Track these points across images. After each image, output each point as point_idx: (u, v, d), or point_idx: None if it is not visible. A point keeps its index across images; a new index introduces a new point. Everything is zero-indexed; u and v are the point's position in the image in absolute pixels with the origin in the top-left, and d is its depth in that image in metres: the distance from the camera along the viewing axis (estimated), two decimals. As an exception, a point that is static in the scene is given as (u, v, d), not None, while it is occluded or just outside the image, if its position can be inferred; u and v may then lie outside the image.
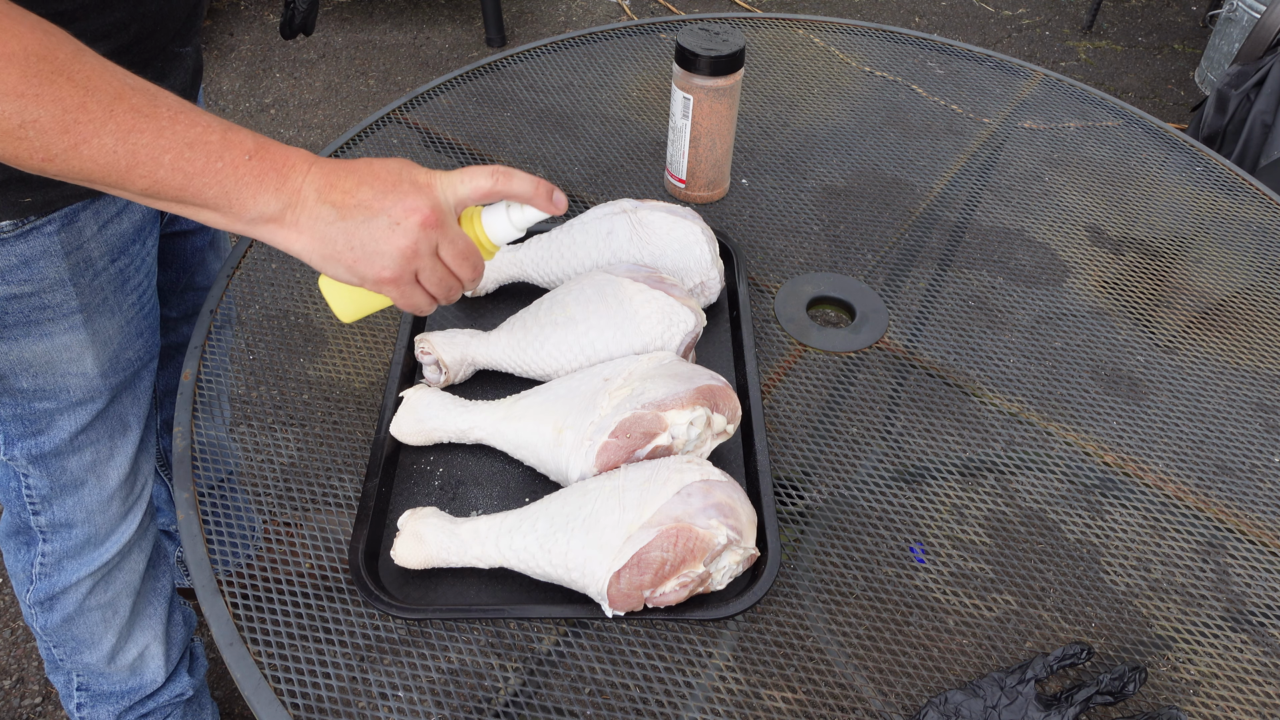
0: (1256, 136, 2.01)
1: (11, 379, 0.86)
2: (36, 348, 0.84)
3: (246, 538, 0.75)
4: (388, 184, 0.64)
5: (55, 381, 0.88)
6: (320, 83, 2.84)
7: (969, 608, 0.73)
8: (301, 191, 0.63)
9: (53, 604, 1.04)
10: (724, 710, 0.66)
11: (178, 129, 0.60)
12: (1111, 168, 1.18)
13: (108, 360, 0.90)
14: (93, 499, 0.98)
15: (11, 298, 0.80)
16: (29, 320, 0.82)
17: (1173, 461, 0.85)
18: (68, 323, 0.85)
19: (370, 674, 0.67)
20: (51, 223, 0.79)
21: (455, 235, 0.67)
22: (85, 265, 0.83)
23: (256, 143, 0.62)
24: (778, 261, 1.02)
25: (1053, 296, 1.00)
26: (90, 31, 0.71)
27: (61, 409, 0.90)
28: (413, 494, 0.78)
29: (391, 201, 0.64)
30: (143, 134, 0.59)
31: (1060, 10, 3.35)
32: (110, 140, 0.58)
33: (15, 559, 1.03)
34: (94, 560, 1.02)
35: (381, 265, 0.65)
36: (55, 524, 0.98)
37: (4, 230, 0.76)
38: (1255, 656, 0.71)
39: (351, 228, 0.64)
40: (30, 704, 1.51)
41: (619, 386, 0.75)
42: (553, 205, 0.69)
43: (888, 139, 1.21)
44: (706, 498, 0.68)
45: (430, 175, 0.66)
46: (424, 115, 1.20)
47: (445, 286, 0.69)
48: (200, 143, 0.60)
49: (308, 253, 0.65)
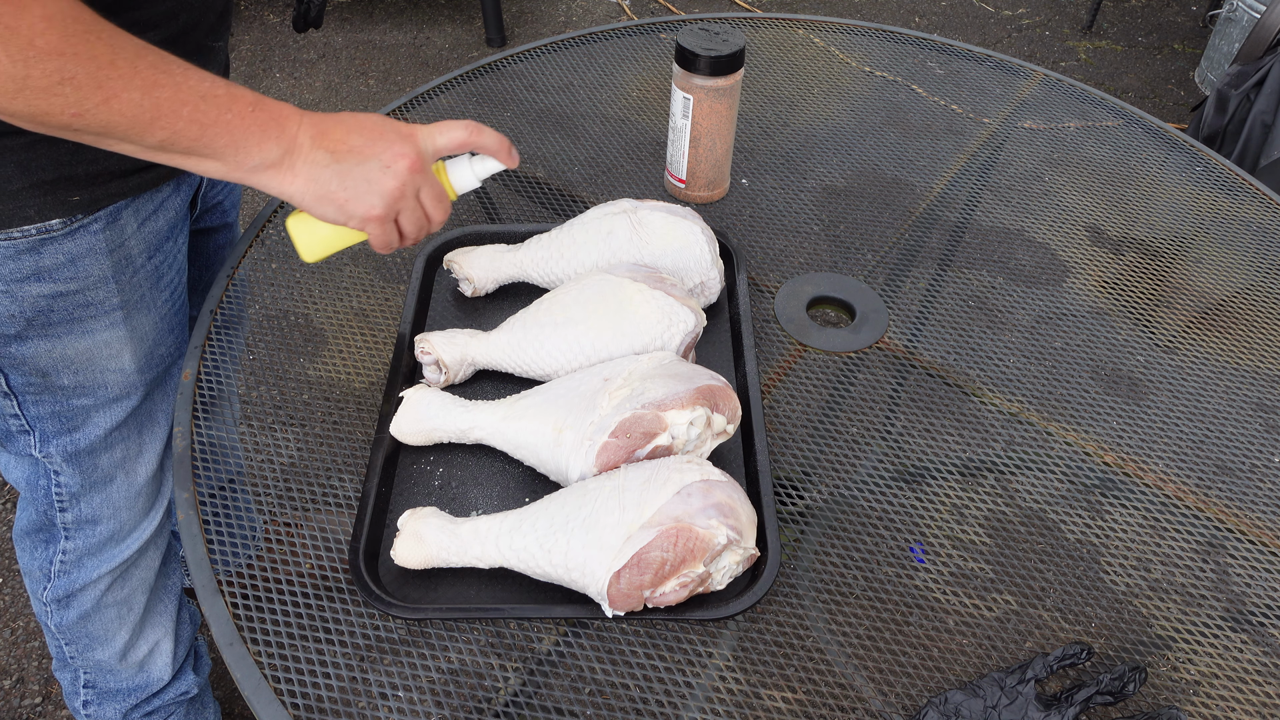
0: (1256, 136, 2.01)
1: (54, 376, 0.87)
2: (79, 344, 0.86)
3: (247, 538, 0.75)
4: (375, 132, 0.72)
5: (95, 378, 0.89)
6: (320, 83, 2.84)
7: (969, 608, 0.73)
8: (298, 139, 0.69)
9: (69, 601, 1.04)
10: (724, 710, 0.66)
11: (190, 83, 0.65)
12: (1111, 168, 1.18)
13: (144, 356, 0.92)
14: (120, 495, 0.99)
15: (58, 295, 0.82)
16: (73, 318, 0.84)
17: (1173, 461, 0.85)
18: (109, 319, 0.86)
19: (370, 674, 0.67)
20: (97, 220, 0.81)
21: (432, 180, 0.75)
22: (126, 262, 0.85)
23: (255, 96, 0.68)
24: (778, 261, 1.02)
25: (1053, 296, 1.00)
26: (142, 21, 0.74)
27: (99, 405, 0.91)
28: (413, 494, 0.78)
29: (382, 148, 0.71)
30: (164, 88, 0.63)
31: (1060, 10, 3.35)
32: (137, 94, 0.62)
33: (32, 557, 1.03)
34: (115, 557, 1.03)
35: (371, 204, 0.72)
36: (81, 520, 0.99)
37: (53, 229, 0.78)
38: (1255, 656, 0.71)
39: (345, 170, 0.71)
40: (30, 704, 1.51)
41: (619, 386, 0.75)
42: (510, 159, 0.79)
43: (888, 139, 1.21)
44: (706, 498, 0.68)
45: (411, 127, 0.74)
46: (424, 115, 1.20)
47: (419, 226, 0.76)
48: (210, 95, 0.65)
49: (300, 194, 0.71)
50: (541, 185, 1.10)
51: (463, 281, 0.92)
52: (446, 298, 0.94)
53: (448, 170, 0.81)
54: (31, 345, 0.84)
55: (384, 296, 0.96)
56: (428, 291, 0.94)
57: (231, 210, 1.08)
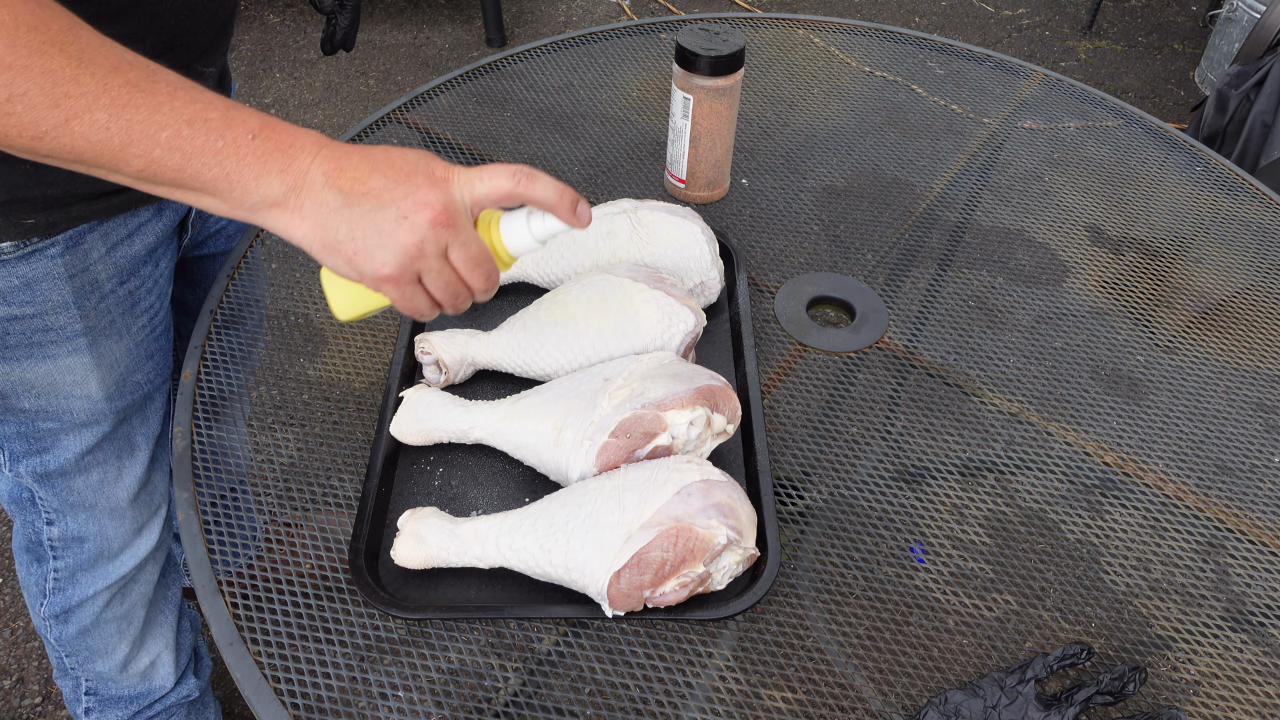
0: (1256, 136, 2.01)
1: (14, 399, 0.84)
2: (39, 369, 0.83)
3: (247, 538, 0.75)
4: (402, 174, 0.60)
5: (58, 403, 0.86)
6: (320, 83, 2.84)
7: (969, 608, 0.73)
8: (308, 174, 0.59)
9: (68, 617, 1.03)
10: (724, 710, 0.66)
11: (176, 105, 0.56)
12: (1111, 168, 1.18)
13: (114, 383, 0.88)
14: (103, 515, 0.97)
15: (13, 318, 0.79)
16: (31, 342, 0.81)
17: (1173, 461, 0.85)
18: (71, 345, 0.83)
19: (370, 674, 0.67)
20: (55, 245, 0.77)
21: (468, 238, 0.61)
22: (91, 288, 0.81)
23: (261, 121, 0.58)
24: (778, 261, 1.02)
25: (1053, 296, 1.00)
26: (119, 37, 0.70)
27: (65, 430, 0.88)
28: (413, 494, 0.78)
29: (403, 193, 0.59)
30: (138, 109, 0.55)
31: (1060, 10, 3.35)
32: (103, 115, 0.54)
33: (28, 573, 1.02)
34: (110, 574, 1.01)
35: (382, 260, 0.60)
36: (67, 538, 0.96)
37: (4, 251, 0.75)
38: (1255, 656, 0.71)
39: (356, 216, 0.59)
40: (30, 704, 1.51)
41: (619, 386, 0.75)
42: (575, 218, 0.64)
43: (888, 139, 1.21)
44: (706, 498, 0.68)
45: (448, 170, 0.61)
46: (424, 115, 1.20)
47: (452, 293, 0.63)
48: (200, 119, 0.56)
49: (308, 240, 0.60)
50: (541, 185, 1.10)
51: None
52: (446, 298, 0.94)
53: (501, 226, 0.66)
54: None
55: (384, 296, 0.96)
56: (428, 291, 0.94)
57: (235, 235, 1.03)
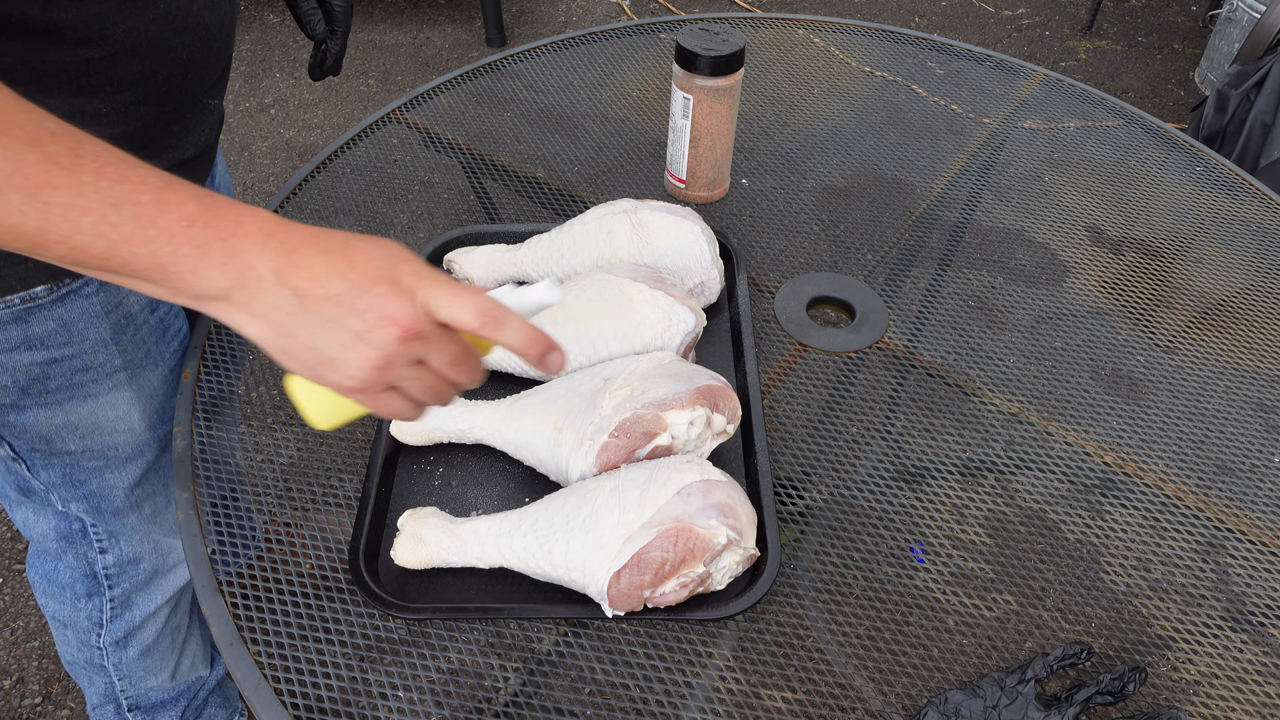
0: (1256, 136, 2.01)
1: (59, 442, 0.82)
2: (81, 409, 0.81)
3: (247, 538, 0.75)
4: (365, 278, 0.52)
5: (103, 440, 0.84)
6: (320, 83, 2.84)
7: (969, 608, 0.73)
8: (255, 268, 0.52)
9: (129, 640, 1.02)
10: (724, 710, 0.66)
11: (102, 185, 0.50)
12: (1111, 168, 1.18)
13: (154, 413, 0.87)
14: (160, 535, 0.95)
15: (52, 361, 0.76)
16: (72, 383, 0.79)
17: (1173, 461, 0.85)
18: (111, 381, 0.81)
19: (370, 674, 0.67)
20: (90, 283, 0.75)
21: (443, 343, 0.55)
22: (126, 321, 0.80)
23: (200, 204, 0.52)
24: (778, 261, 1.02)
25: (1053, 296, 1.00)
26: (116, 80, 0.68)
27: (111, 466, 0.87)
28: (413, 494, 0.78)
29: (366, 304, 0.52)
30: (58, 190, 0.49)
31: (1060, 10, 3.35)
32: (17, 197, 0.48)
33: (76, 609, 0.99)
34: (169, 587, 1.00)
35: (348, 373, 0.54)
36: (122, 562, 0.95)
37: (38, 296, 0.72)
38: (1255, 656, 0.71)
39: (315, 323, 0.52)
40: (30, 704, 1.51)
41: (619, 386, 0.75)
42: (543, 365, 0.58)
43: (888, 139, 1.21)
44: (706, 498, 0.68)
45: (416, 277, 0.54)
46: (424, 115, 1.20)
47: (435, 394, 0.57)
48: (129, 203, 0.50)
49: (263, 340, 0.54)
50: (541, 185, 1.10)
51: (463, 281, 0.92)
52: (446, 298, 0.94)
53: None
54: (31, 414, 0.79)
55: (384, 296, 0.96)
56: (428, 291, 0.94)
57: None
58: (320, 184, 1.09)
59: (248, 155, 2.59)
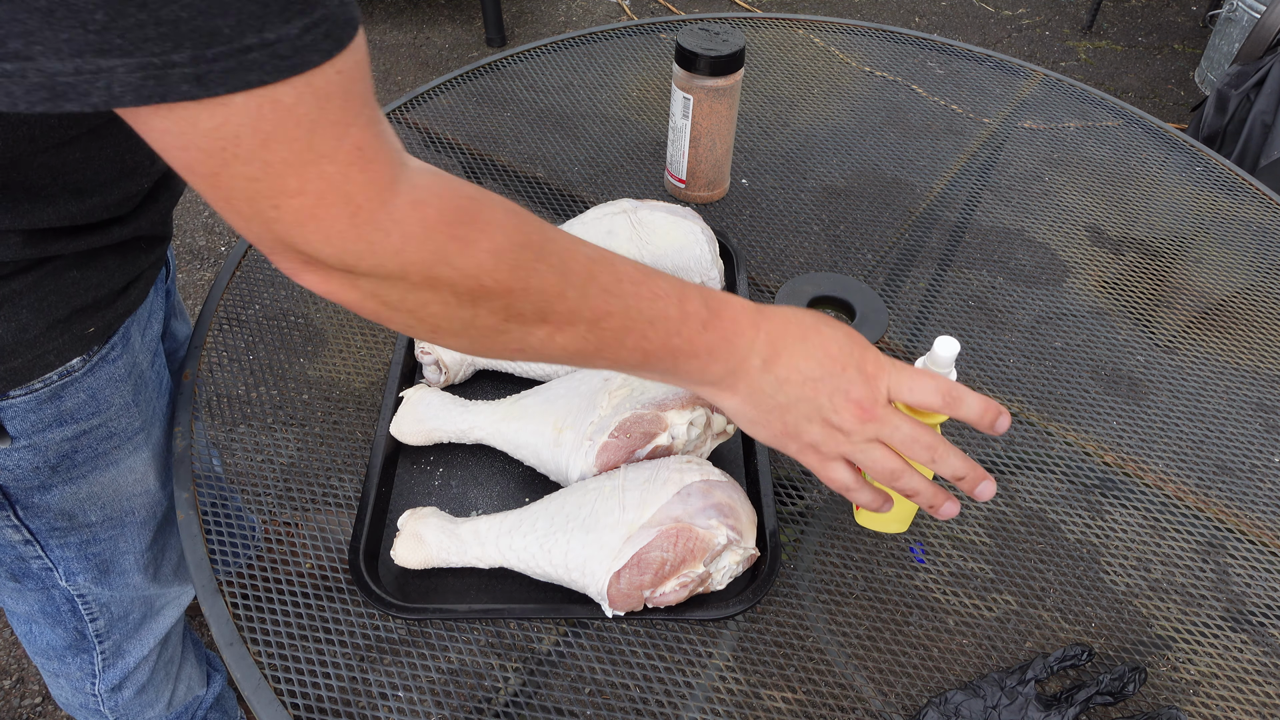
0: (1256, 136, 2.01)
1: (80, 516, 0.81)
2: (104, 478, 0.80)
3: (247, 538, 0.75)
4: (836, 364, 0.60)
5: (122, 506, 0.83)
6: (320, 83, 2.84)
7: (969, 608, 0.73)
8: (748, 361, 0.60)
9: (123, 685, 1.01)
10: (724, 710, 0.66)
11: (641, 305, 0.56)
12: (1111, 168, 1.18)
13: (164, 468, 0.86)
14: (151, 589, 0.94)
15: (81, 435, 0.75)
16: (97, 453, 0.78)
17: (1173, 461, 0.85)
18: (131, 445, 0.80)
19: (370, 674, 0.67)
20: (114, 348, 0.75)
21: (897, 423, 0.61)
22: (141, 380, 0.80)
23: (708, 309, 0.59)
24: (778, 261, 1.02)
25: (1053, 296, 1.00)
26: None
27: (127, 533, 0.86)
28: (413, 494, 0.78)
29: (833, 387, 0.60)
30: (613, 317, 0.55)
31: (1060, 10, 3.35)
32: (584, 328, 0.55)
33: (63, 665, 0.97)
34: (159, 630, 0.99)
35: (810, 435, 0.62)
36: (113, 620, 0.94)
37: (74, 369, 0.72)
38: (1255, 656, 0.71)
39: (789, 403, 0.61)
40: (30, 704, 1.51)
41: (619, 386, 0.75)
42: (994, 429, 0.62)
43: (888, 139, 1.21)
44: (706, 498, 0.68)
45: (879, 366, 0.61)
46: (424, 115, 1.20)
47: (890, 470, 0.62)
48: (661, 319, 0.57)
49: (737, 413, 0.63)
50: (541, 185, 1.10)
51: None
52: (446, 298, 0.94)
53: None
54: (56, 492, 0.77)
55: (384, 296, 0.96)
56: (428, 291, 0.94)
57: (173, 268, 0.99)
58: (320, 184, 1.09)
59: (248, 155, 2.58)
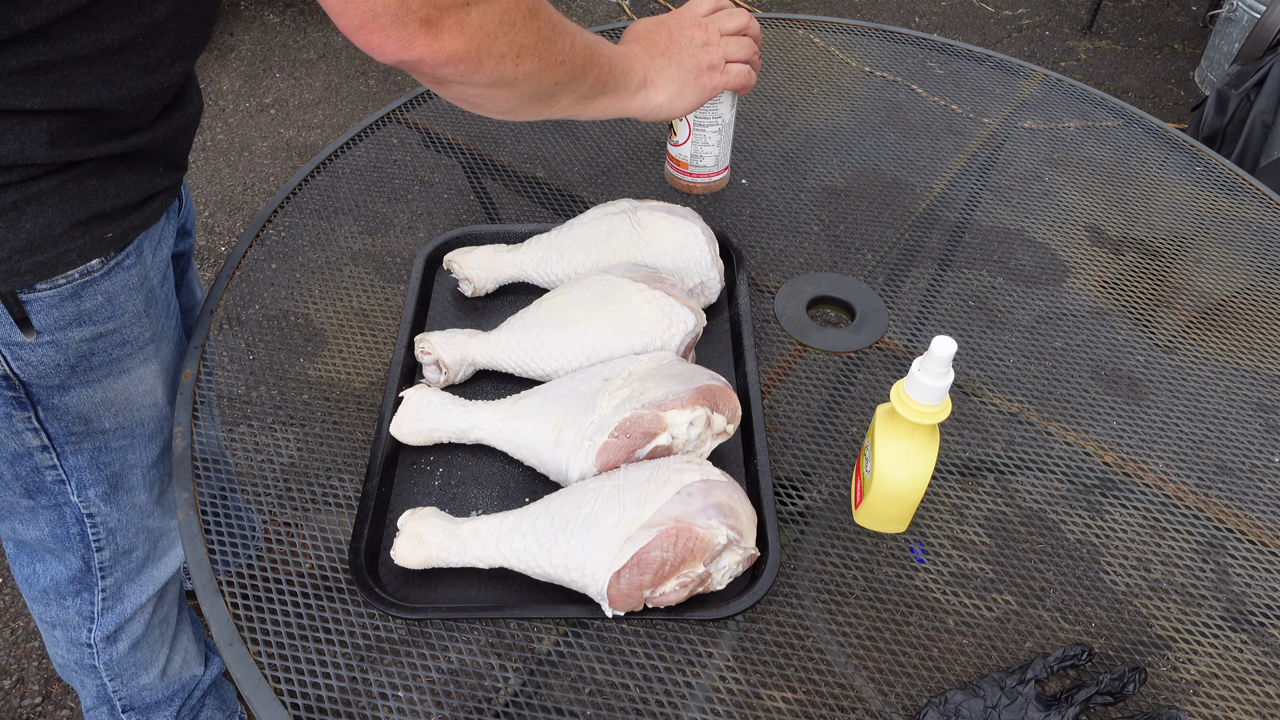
0: (1256, 136, 2.01)
1: (95, 421, 0.85)
2: (117, 385, 0.85)
3: (247, 538, 0.75)
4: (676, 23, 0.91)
5: (133, 417, 0.88)
6: (320, 83, 2.84)
7: (969, 608, 0.73)
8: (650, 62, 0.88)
9: (119, 634, 1.03)
10: (724, 710, 0.66)
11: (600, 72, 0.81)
12: (1111, 168, 1.18)
13: (171, 386, 0.91)
14: (155, 522, 0.97)
15: (98, 337, 0.80)
16: (111, 358, 0.83)
17: (1173, 461, 0.85)
18: (142, 355, 0.85)
19: (370, 674, 0.67)
20: (129, 255, 0.80)
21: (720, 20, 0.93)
22: (151, 294, 0.84)
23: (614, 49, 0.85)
24: (778, 261, 1.02)
25: (1053, 296, 1.00)
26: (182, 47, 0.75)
27: (136, 444, 0.90)
28: (413, 494, 0.78)
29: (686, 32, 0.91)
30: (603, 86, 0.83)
31: (1060, 10, 3.35)
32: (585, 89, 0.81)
33: (63, 608, 1.00)
34: (158, 577, 1.01)
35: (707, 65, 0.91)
36: (118, 553, 0.96)
37: (93, 269, 0.77)
38: (1255, 656, 0.71)
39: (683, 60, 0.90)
40: (30, 704, 1.51)
41: (619, 386, 0.75)
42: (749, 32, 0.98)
43: (888, 139, 1.21)
44: (706, 498, 0.68)
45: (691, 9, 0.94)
46: (424, 115, 1.20)
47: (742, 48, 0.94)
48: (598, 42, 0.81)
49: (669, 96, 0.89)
50: (541, 185, 1.10)
51: (463, 281, 0.92)
52: (446, 298, 0.94)
53: None
54: (75, 393, 0.82)
55: (384, 296, 0.96)
56: (428, 291, 0.94)
57: (193, 231, 1.07)
58: (320, 184, 1.09)
59: (248, 155, 2.59)
